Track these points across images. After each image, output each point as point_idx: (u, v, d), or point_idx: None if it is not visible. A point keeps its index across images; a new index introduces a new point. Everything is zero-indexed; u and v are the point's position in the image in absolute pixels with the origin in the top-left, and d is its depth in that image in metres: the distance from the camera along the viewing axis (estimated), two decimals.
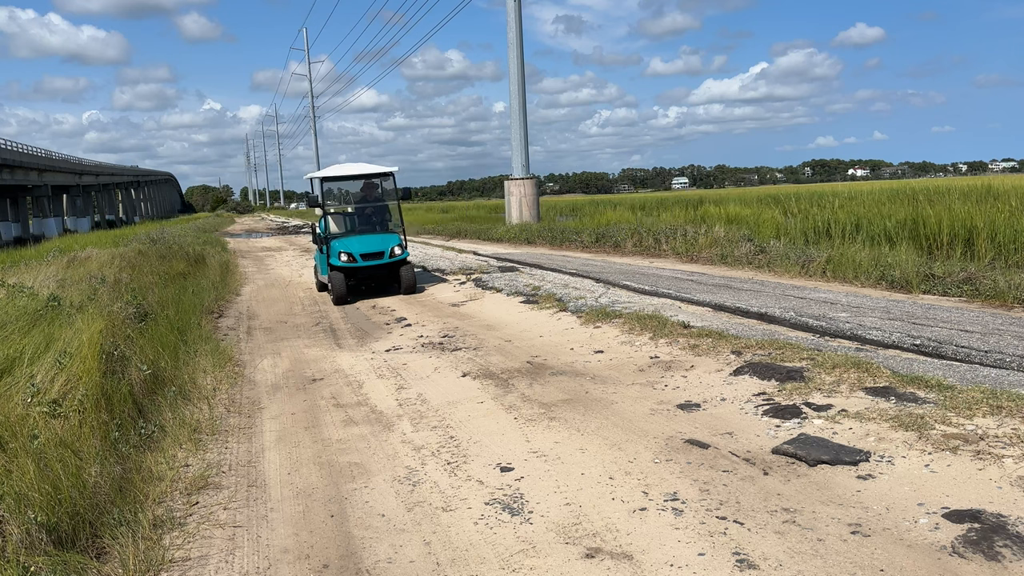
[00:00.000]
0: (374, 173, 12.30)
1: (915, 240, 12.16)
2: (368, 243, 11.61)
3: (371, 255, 11.52)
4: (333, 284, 11.26)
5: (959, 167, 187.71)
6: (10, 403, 4.42)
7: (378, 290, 12.19)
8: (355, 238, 11.71)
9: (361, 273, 11.63)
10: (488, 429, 4.94)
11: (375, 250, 11.56)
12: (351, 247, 11.49)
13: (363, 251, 11.49)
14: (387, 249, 11.61)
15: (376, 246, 11.60)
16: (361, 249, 11.49)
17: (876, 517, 3.35)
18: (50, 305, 7.21)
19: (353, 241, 11.61)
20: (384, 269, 11.72)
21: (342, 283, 11.28)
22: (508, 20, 23.24)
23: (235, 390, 6.41)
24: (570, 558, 3.16)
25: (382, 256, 11.58)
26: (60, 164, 64.65)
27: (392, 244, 11.69)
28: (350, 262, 11.40)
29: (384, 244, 11.64)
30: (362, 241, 11.62)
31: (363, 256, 11.45)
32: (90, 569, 3.15)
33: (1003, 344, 6.11)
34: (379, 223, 12.37)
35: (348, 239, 11.68)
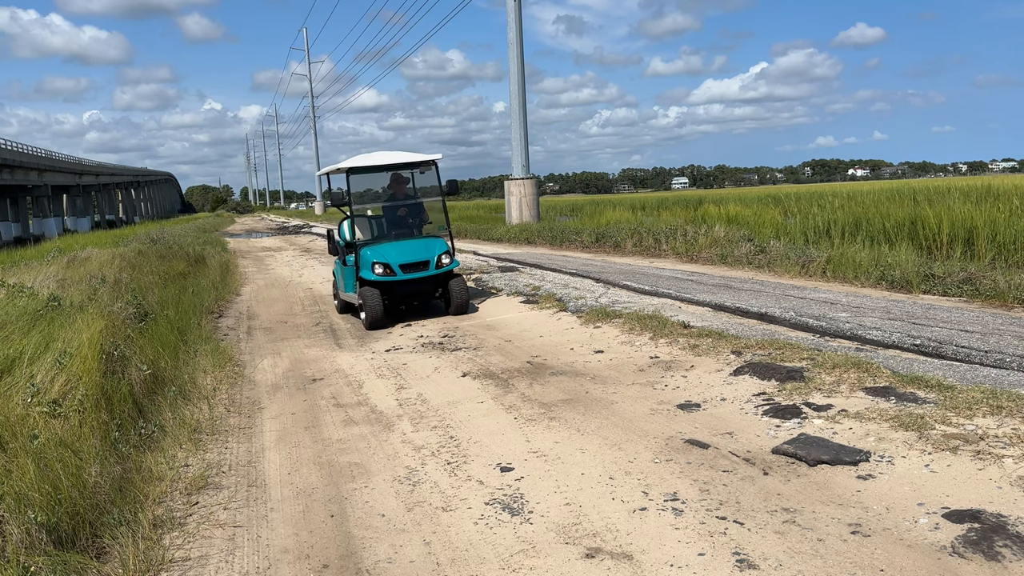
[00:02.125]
0: (413, 162, 9.89)
1: (915, 240, 12.16)
2: (408, 250, 9.26)
3: (413, 265, 9.15)
4: (366, 303, 8.92)
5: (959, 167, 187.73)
6: (10, 403, 4.42)
7: (421, 310, 9.87)
8: (391, 245, 9.34)
9: (401, 289, 9.24)
10: (488, 429, 4.94)
11: (417, 259, 9.19)
12: (387, 256, 9.10)
13: (403, 261, 9.12)
14: (432, 258, 9.24)
15: (418, 254, 9.24)
16: (400, 258, 9.12)
17: (876, 517, 3.35)
18: (50, 305, 7.21)
19: (389, 249, 9.23)
20: (429, 283, 9.40)
21: (377, 302, 8.92)
22: (508, 20, 23.24)
23: (235, 390, 6.41)
24: (570, 558, 3.16)
25: (427, 267, 9.20)
26: (60, 164, 64.65)
27: (438, 251, 9.32)
28: (387, 275, 9.03)
29: (428, 251, 9.29)
30: (400, 248, 9.27)
31: (403, 267, 9.10)
32: (90, 569, 3.15)
33: (1003, 344, 6.11)
34: (416, 225, 10.04)
35: (382, 246, 9.32)
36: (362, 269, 9.23)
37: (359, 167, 9.73)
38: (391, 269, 9.08)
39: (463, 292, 9.46)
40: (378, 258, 9.10)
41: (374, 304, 8.95)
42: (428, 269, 9.24)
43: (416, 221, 10.12)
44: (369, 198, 10.79)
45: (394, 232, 9.85)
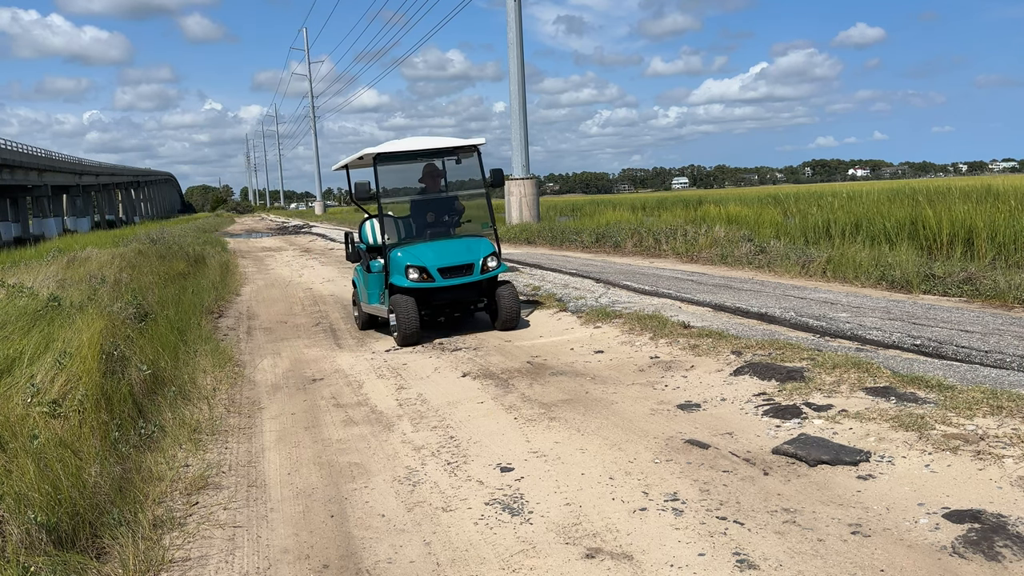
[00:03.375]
0: (453, 147, 8.52)
1: (915, 240, 12.17)
2: (448, 252, 7.96)
3: (454, 270, 7.86)
4: (398, 315, 7.70)
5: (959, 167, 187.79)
6: (10, 403, 4.42)
7: (462, 323, 8.67)
8: (427, 245, 8.05)
9: (440, 297, 7.96)
10: (488, 429, 4.94)
11: (459, 262, 7.90)
12: (424, 258, 7.82)
13: (442, 264, 7.82)
14: (477, 261, 7.94)
15: (460, 256, 7.94)
16: (439, 261, 7.83)
17: (876, 517, 3.35)
18: (50, 305, 7.21)
19: (425, 250, 7.95)
20: (473, 290, 8.09)
21: (412, 312, 7.67)
22: (508, 20, 23.25)
23: (235, 390, 6.41)
24: (570, 558, 3.16)
25: (471, 271, 7.91)
26: (60, 164, 64.67)
27: (483, 253, 8.01)
28: (424, 280, 7.78)
29: (472, 253, 7.99)
30: (439, 250, 7.98)
31: (442, 272, 7.80)
32: (90, 569, 3.15)
33: (1003, 344, 6.11)
34: (453, 224, 8.70)
35: (417, 247, 8.03)
36: (393, 274, 7.95)
37: (390, 153, 8.33)
38: (428, 274, 7.78)
39: (513, 303, 8.06)
40: (413, 261, 7.82)
41: (408, 316, 7.65)
42: (472, 274, 7.90)
43: (453, 219, 8.70)
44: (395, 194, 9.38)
45: (429, 231, 8.46)
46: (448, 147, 8.50)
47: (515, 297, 8.15)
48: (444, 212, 8.72)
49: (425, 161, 8.84)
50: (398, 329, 7.79)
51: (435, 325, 8.37)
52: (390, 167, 8.74)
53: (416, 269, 7.79)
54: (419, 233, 8.58)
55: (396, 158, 8.55)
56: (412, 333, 7.72)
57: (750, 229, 15.57)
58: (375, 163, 8.18)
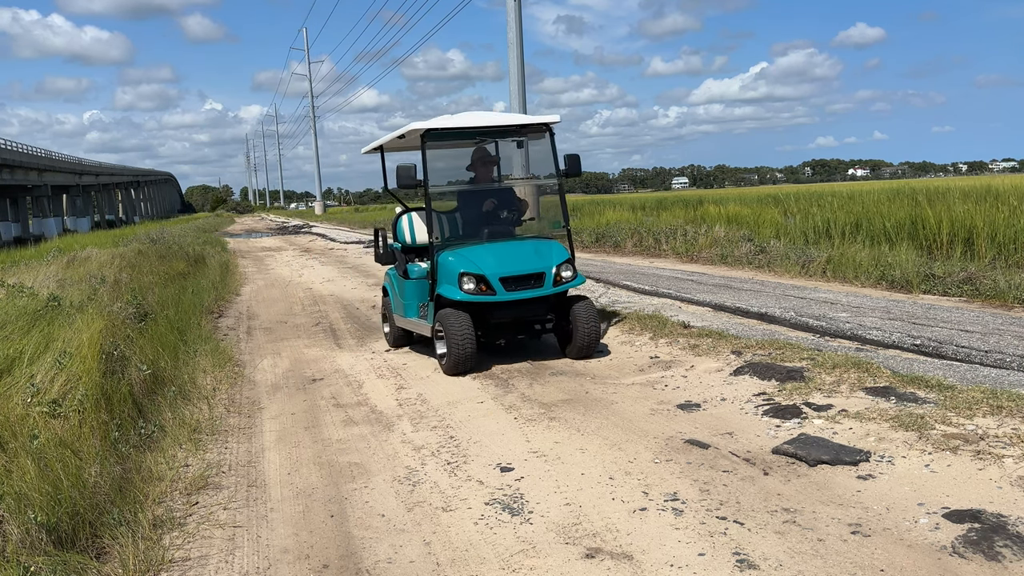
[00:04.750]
0: (522, 124, 7.03)
1: (915, 240, 12.16)
2: (512, 258, 6.44)
3: (520, 280, 6.34)
4: (449, 334, 6.17)
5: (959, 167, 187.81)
6: (10, 403, 4.42)
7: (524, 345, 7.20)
8: (485, 248, 6.54)
9: (501, 314, 6.45)
10: (488, 429, 4.94)
11: (527, 270, 6.37)
12: (482, 264, 6.31)
13: (505, 272, 6.31)
14: (549, 270, 6.42)
15: (527, 263, 6.41)
16: (501, 268, 6.31)
17: (876, 517, 3.35)
18: (50, 305, 7.21)
19: (484, 254, 6.43)
20: (541, 306, 6.53)
21: (467, 333, 6.16)
22: (508, 20, 23.25)
23: (235, 390, 6.41)
24: (570, 558, 3.16)
25: (540, 282, 6.39)
26: (60, 164, 64.68)
27: (556, 261, 6.49)
28: (482, 293, 6.27)
29: (542, 260, 6.45)
30: (500, 254, 6.45)
31: (505, 283, 6.30)
32: (90, 569, 3.15)
33: (1003, 344, 6.12)
34: (512, 222, 7.07)
35: (472, 250, 6.50)
36: (441, 283, 6.45)
37: (444, 130, 6.76)
38: (488, 285, 6.25)
39: (593, 325, 6.46)
40: (468, 268, 6.27)
41: (462, 337, 6.11)
42: (542, 286, 6.37)
43: (513, 216, 7.06)
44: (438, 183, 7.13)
45: (486, 231, 6.85)
46: (516, 124, 7.01)
47: (595, 318, 6.52)
48: (502, 207, 7.04)
49: (483, 141, 7.30)
50: (447, 353, 6.24)
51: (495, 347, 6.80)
52: (440, 149, 7.37)
53: (472, 278, 6.25)
54: (470, 233, 7.01)
55: (450, 136, 7.05)
56: (466, 359, 6.18)
57: (750, 229, 15.57)
58: (424, 142, 6.64)
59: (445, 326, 6.24)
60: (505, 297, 6.31)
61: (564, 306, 6.64)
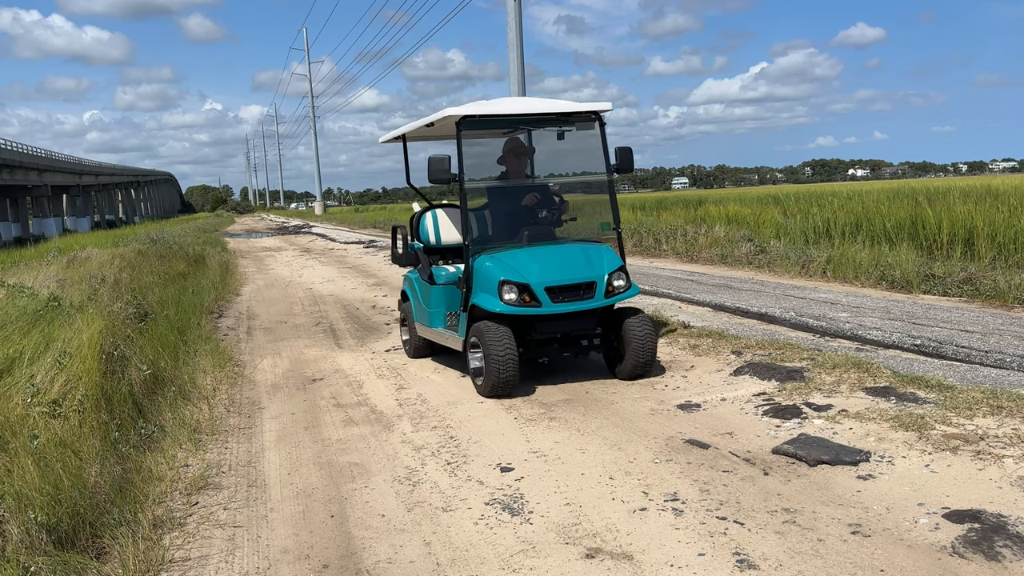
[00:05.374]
0: (569, 112, 6.12)
1: (915, 240, 12.16)
2: (558, 264, 5.69)
3: (568, 290, 5.59)
4: (488, 351, 5.42)
5: (959, 167, 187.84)
6: (10, 403, 4.42)
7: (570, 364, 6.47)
8: (527, 252, 5.76)
9: (545, 328, 5.70)
10: (488, 429, 4.94)
11: (576, 279, 5.62)
12: (526, 271, 5.56)
13: (551, 281, 5.56)
14: (600, 278, 5.67)
15: (576, 270, 5.66)
16: (547, 276, 5.56)
17: (876, 517, 3.35)
18: (50, 305, 7.20)
19: (526, 259, 5.66)
20: (589, 320, 5.75)
21: (509, 349, 5.41)
22: (508, 20, 23.25)
23: (235, 390, 6.41)
24: (570, 558, 3.16)
25: (591, 292, 5.64)
26: (60, 164, 64.68)
27: (607, 268, 5.73)
28: (525, 304, 5.51)
29: (591, 266, 5.70)
30: (544, 259, 5.69)
31: (552, 292, 5.54)
32: (90, 569, 3.15)
33: (1003, 344, 6.12)
34: (552, 222, 6.26)
35: (513, 255, 5.73)
36: (477, 292, 5.72)
37: (483, 117, 5.96)
38: (532, 294, 5.51)
39: (649, 340, 5.67)
40: (509, 274, 5.52)
41: (503, 355, 5.37)
42: (593, 297, 5.63)
43: (553, 216, 6.25)
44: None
45: (526, 233, 6.01)
46: (563, 112, 6.11)
47: (651, 333, 5.72)
48: (541, 206, 6.28)
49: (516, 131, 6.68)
50: (486, 374, 5.49)
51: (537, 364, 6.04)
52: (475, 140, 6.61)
53: (514, 287, 5.49)
54: (505, 234, 6.20)
55: (488, 124, 6.35)
56: (506, 381, 5.42)
57: (750, 229, 15.57)
58: (459, 130, 5.83)
59: (483, 342, 5.46)
60: (551, 310, 5.55)
61: (614, 319, 5.85)
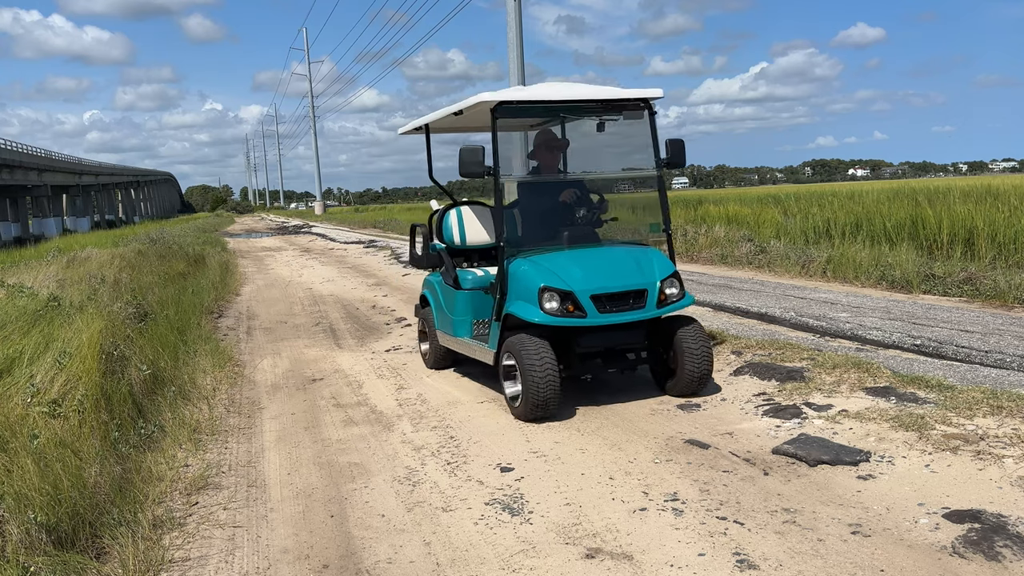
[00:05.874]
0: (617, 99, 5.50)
1: (915, 240, 12.16)
2: (604, 269, 5.14)
3: (616, 299, 5.03)
4: (526, 368, 4.81)
5: (959, 167, 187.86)
6: (10, 403, 4.42)
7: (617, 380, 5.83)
8: (568, 255, 5.22)
9: (590, 341, 5.13)
10: (488, 429, 4.94)
11: (624, 286, 5.06)
12: (569, 277, 4.99)
13: (597, 288, 4.99)
14: (652, 286, 5.12)
15: (625, 277, 5.11)
16: (592, 283, 5.00)
17: (876, 517, 3.35)
18: (50, 305, 7.20)
19: (568, 263, 5.11)
20: (638, 333, 5.21)
21: (550, 366, 4.82)
22: (508, 20, 23.24)
23: (235, 390, 6.41)
24: (570, 558, 3.16)
25: (641, 301, 5.09)
26: (60, 164, 64.67)
27: (659, 275, 5.18)
28: (568, 314, 4.95)
29: (642, 273, 5.15)
30: (588, 264, 5.15)
31: (598, 301, 4.98)
32: (90, 569, 3.15)
33: (1003, 344, 6.12)
34: (592, 222, 5.66)
35: (552, 258, 5.18)
36: (513, 299, 5.16)
37: (521, 103, 5.40)
38: (576, 303, 4.94)
39: (705, 354, 5.15)
40: (551, 281, 4.96)
41: (543, 372, 4.77)
42: (643, 306, 5.07)
43: (592, 216, 5.67)
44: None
45: (566, 234, 5.45)
46: (610, 99, 5.47)
47: (708, 346, 5.18)
48: (580, 205, 5.70)
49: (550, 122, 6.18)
50: (523, 393, 4.88)
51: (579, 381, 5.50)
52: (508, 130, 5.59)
53: (556, 295, 4.92)
54: (539, 235, 5.56)
55: (527, 111, 5.73)
56: (547, 401, 4.83)
57: (750, 229, 15.56)
58: (494, 118, 5.26)
59: (519, 357, 4.87)
60: (598, 320, 4.97)
61: (664, 330, 5.29)
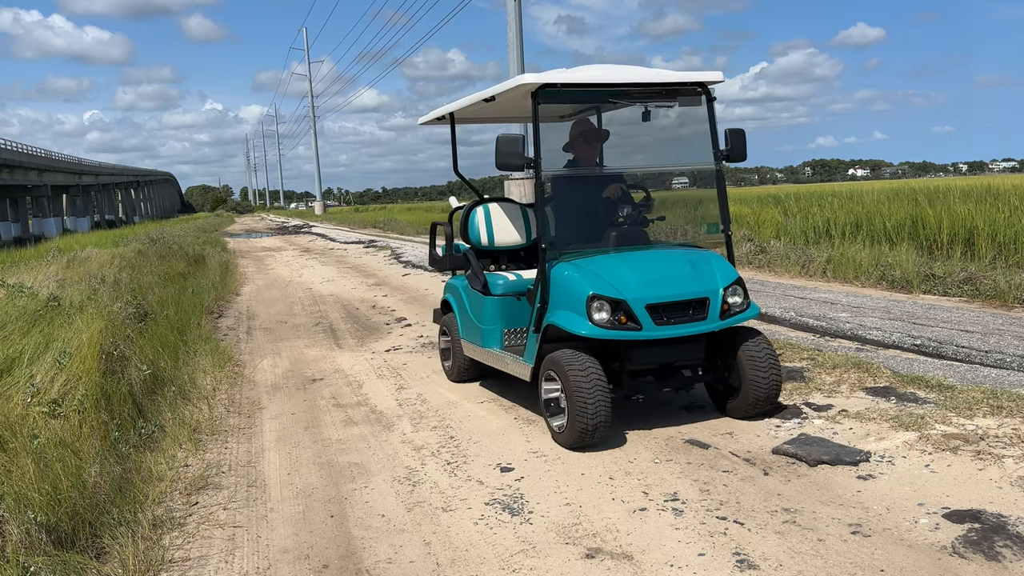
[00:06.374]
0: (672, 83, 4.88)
1: (915, 240, 12.15)
2: (660, 275, 4.56)
3: (674, 308, 4.45)
4: (575, 388, 4.20)
5: (959, 167, 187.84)
6: (10, 403, 4.42)
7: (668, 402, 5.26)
8: (618, 259, 4.62)
9: (644, 357, 4.54)
10: (488, 429, 4.94)
11: (684, 294, 4.48)
12: (622, 284, 4.42)
13: (654, 296, 4.41)
14: (713, 293, 4.53)
15: (683, 283, 4.52)
16: (648, 291, 4.42)
17: (876, 517, 3.35)
18: (50, 305, 7.20)
19: (620, 268, 4.53)
20: (698, 346, 4.62)
21: (600, 386, 4.22)
22: (508, 20, 23.25)
23: (235, 390, 6.41)
24: (570, 558, 3.16)
25: (702, 311, 4.50)
26: (60, 164, 64.68)
27: (721, 281, 4.59)
28: (622, 326, 4.36)
29: (701, 280, 4.56)
30: (642, 269, 4.57)
31: (654, 312, 4.40)
32: (90, 569, 3.15)
33: (1003, 344, 6.12)
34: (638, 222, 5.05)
35: (599, 261, 4.61)
36: (557, 308, 4.55)
37: (566, 86, 4.70)
38: (630, 314, 4.35)
39: (774, 372, 4.54)
40: (601, 288, 4.37)
41: (593, 391, 4.17)
42: (705, 317, 4.49)
43: (637, 215, 5.08)
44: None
45: (614, 234, 4.84)
46: (665, 83, 4.85)
47: (776, 362, 4.58)
48: (624, 202, 5.17)
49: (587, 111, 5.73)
50: (569, 416, 4.29)
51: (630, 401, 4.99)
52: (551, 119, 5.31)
53: (607, 304, 4.34)
54: (577, 235, 4.99)
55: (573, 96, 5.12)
56: (598, 426, 4.22)
57: (750, 229, 15.55)
58: (536, 103, 4.63)
59: (563, 375, 4.29)
60: (654, 334, 4.36)
61: (724, 344, 4.69)
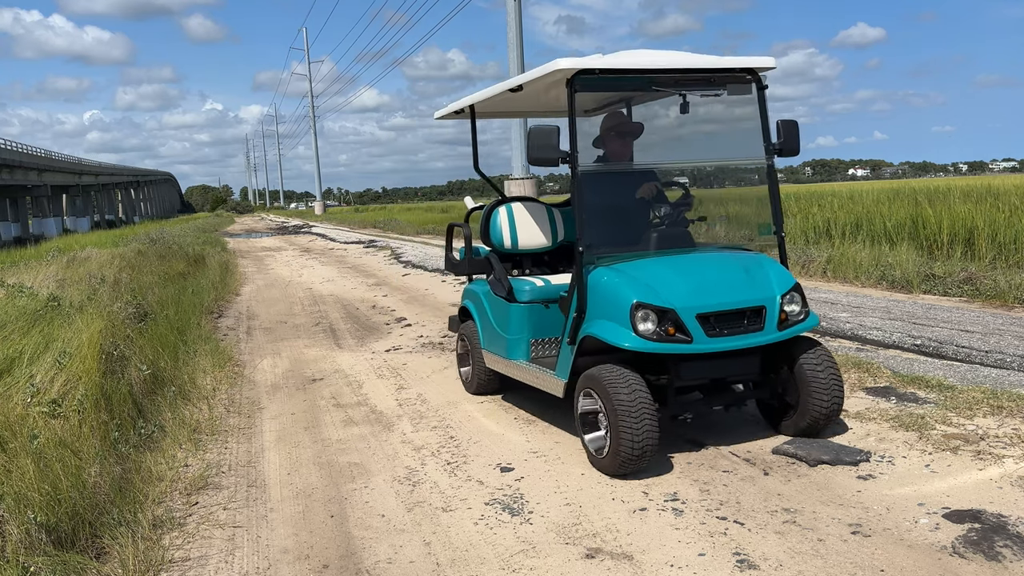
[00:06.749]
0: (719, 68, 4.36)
1: (915, 240, 12.15)
2: (711, 281, 4.14)
3: (727, 318, 3.99)
4: (619, 407, 3.72)
5: (959, 167, 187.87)
6: (10, 403, 4.41)
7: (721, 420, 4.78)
8: (663, 263, 4.20)
9: (695, 369, 4.06)
10: (488, 429, 4.94)
11: (738, 302, 4.02)
12: (668, 290, 3.96)
13: (706, 305, 3.95)
14: (769, 301, 4.09)
15: (736, 290, 4.09)
16: (698, 298, 3.96)
17: (876, 517, 3.35)
18: (50, 305, 7.20)
19: (666, 273, 4.09)
20: (754, 359, 4.15)
21: (646, 405, 3.75)
22: (508, 20, 23.24)
23: (235, 390, 6.41)
24: (570, 558, 3.16)
25: (759, 321, 4.05)
26: (60, 164, 64.68)
27: (778, 288, 4.17)
28: (670, 338, 3.89)
29: (755, 286, 4.13)
30: (690, 274, 4.15)
31: (706, 321, 3.93)
32: (90, 569, 3.15)
33: (1004, 344, 6.12)
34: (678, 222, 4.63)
35: (643, 266, 4.16)
36: (595, 317, 4.12)
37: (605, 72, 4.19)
38: (679, 324, 3.92)
39: (835, 386, 4.14)
40: (645, 295, 3.94)
41: (639, 412, 3.76)
42: (761, 328, 4.08)
43: (677, 214, 4.67)
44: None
45: (655, 235, 4.44)
46: (712, 69, 4.36)
47: (839, 379, 4.19)
48: (661, 201, 4.77)
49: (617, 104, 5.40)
50: (612, 439, 3.84)
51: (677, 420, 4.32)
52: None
53: (653, 313, 3.91)
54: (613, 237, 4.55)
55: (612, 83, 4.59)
56: (646, 450, 3.80)
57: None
58: (573, 90, 4.19)
59: (604, 394, 3.86)
60: (706, 346, 3.94)
61: (782, 357, 4.28)
